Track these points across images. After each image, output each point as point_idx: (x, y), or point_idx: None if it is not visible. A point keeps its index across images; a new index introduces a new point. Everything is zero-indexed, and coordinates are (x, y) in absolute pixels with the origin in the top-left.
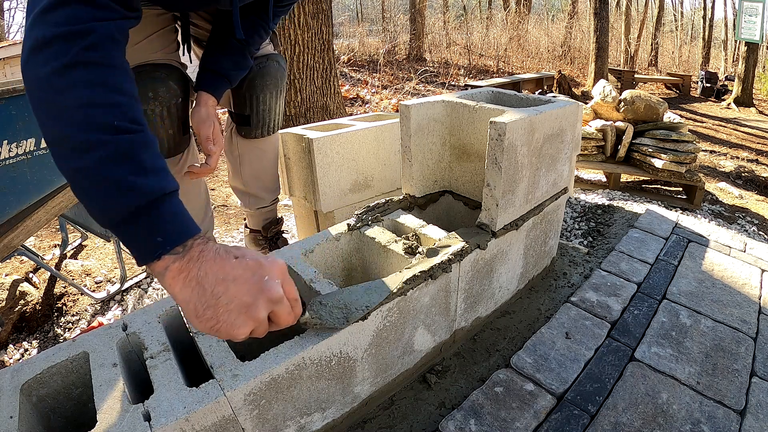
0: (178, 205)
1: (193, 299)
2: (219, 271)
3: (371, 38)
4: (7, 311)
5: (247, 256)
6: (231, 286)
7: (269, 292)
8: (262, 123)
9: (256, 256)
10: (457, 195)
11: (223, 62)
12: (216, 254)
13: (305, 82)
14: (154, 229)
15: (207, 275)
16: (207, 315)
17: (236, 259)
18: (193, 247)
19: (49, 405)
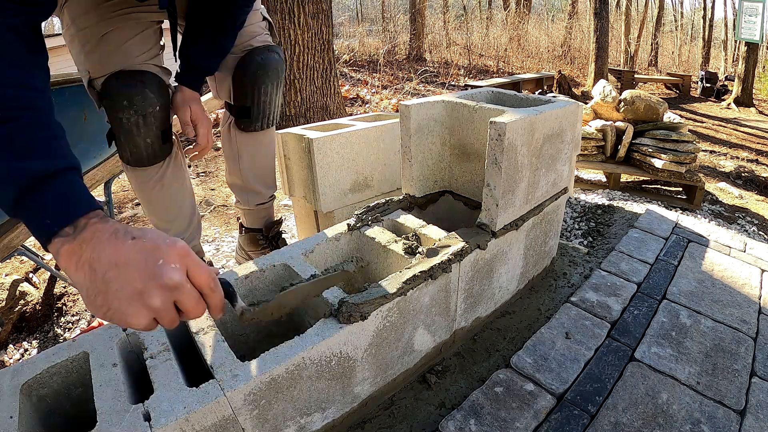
0: (68, 183)
1: (85, 284)
2: (112, 254)
3: (371, 38)
4: (7, 311)
5: (145, 237)
6: (122, 271)
7: (162, 277)
8: (263, 115)
9: (156, 238)
10: (457, 195)
11: (195, 55)
12: (112, 235)
13: (305, 82)
14: (39, 212)
15: (99, 258)
16: (98, 302)
17: (132, 240)
18: (87, 228)
19: (49, 405)
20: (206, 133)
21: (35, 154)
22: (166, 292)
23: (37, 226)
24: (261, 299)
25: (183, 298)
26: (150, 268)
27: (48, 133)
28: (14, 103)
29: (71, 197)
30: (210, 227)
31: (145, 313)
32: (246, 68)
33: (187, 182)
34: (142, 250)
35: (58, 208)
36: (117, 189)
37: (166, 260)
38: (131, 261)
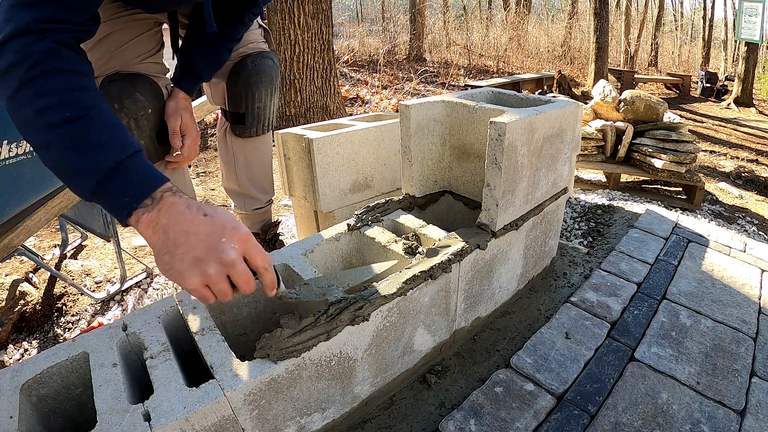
0: (139, 163)
1: (158, 244)
2: (184, 223)
3: (371, 38)
4: (7, 311)
5: (216, 215)
6: (191, 239)
7: (221, 253)
8: (257, 121)
9: (224, 219)
10: (457, 195)
11: (192, 59)
12: (186, 207)
13: (305, 82)
14: (119, 192)
15: (173, 225)
16: (165, 259)
17: (204, 216)
18: (163, 198)
19: (49, 405)
20: (192, 145)
21: (106, 146)
22: (221, 266)
23: (118, 205)
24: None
25: (235, 275)
26: (213, 242)
27: (111, 126)
28: (80, 102)
29: (145, 175)
30: None
31: (200, 279)
32: (239, 75)
33: (187, 182)
34: (210, 225)
35: (136, 186)
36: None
37: (228, 239)
38: (200, 232)
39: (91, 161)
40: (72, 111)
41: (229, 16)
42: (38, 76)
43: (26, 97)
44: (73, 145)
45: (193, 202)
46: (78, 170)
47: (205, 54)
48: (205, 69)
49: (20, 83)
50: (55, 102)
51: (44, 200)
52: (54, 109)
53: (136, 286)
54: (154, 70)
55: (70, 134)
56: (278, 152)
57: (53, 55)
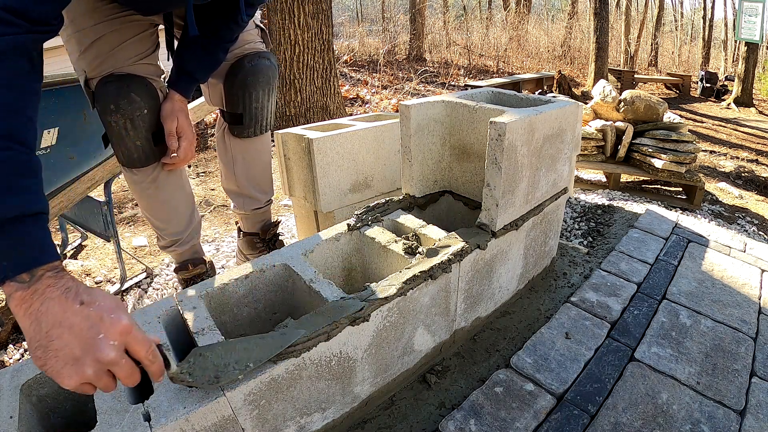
0: (34, 228)
1: (30, 333)
2: (58, 314)
3: (371, 38)
4: (7, 311)
5: (93, 305)
6: (65, 334)
7: (99, 352)
8: (255, 121)
9: (103, 308)
10: (457, 195)
11: (188, 60)
12: (63, 294)
13: (305, 82)
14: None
15: (47, 314)
16: (38, 354)
17: (81, 305)
18: (42, 279)
19: (49, 405)
20: (188, 147)
21: (10, 194)
22: (99, 365)
23: (17, 259)
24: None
25: (117, 371)
26: (90, 339)
27: (25, 172)
28: (10, 131)
29: (34, 245)
30: (210, 227)
31: (77, 379)
32: (236, 75)
33: (184, 183)
34: (86, 319)
35: (19, 253)
36: (117, 189)
37: (106, 335)
38: (74, 326)
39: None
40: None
41: (223, 17)
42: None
43: None
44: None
45: (73, 285)
46: None
47: (199, 55)
48: (200, 70)
49: None
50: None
51: None
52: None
53: (136, 286)
54: (149, 71)
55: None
56: (278, 152)
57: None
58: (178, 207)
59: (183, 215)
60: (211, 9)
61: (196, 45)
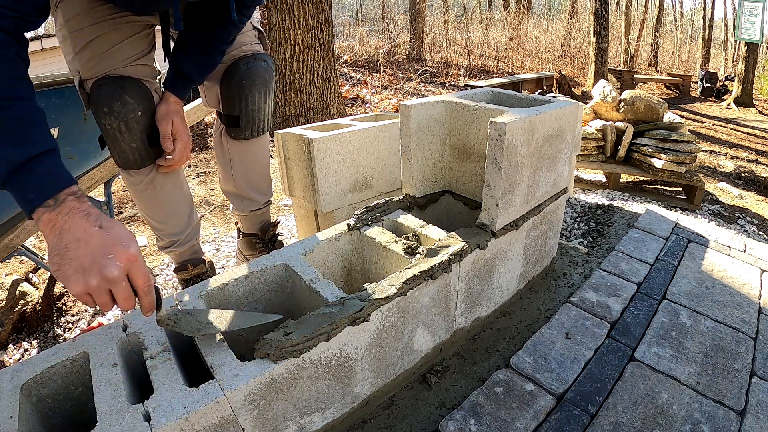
0: (49, 162)
1: (51, 244)
2: (78, 230)
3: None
4: (7, 311)
5: (110, 231)
6: (81, 247)
7: (104, 268)
8: (252, 123)
9: (116, 235)
10: (457, 195)
11: (184, 61)
12: (85, 216)
13: (305, 82)
14: (26, 188)
15: (68, 230)
16: (55, 260)
17: (99, 228)
18: (66, 202)
19: (49, 405)
20: (183, 149)
21: (22, 140)
22: (102, 280)
23: (23, 200)
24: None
25: (115, 291)
26: (99, 256)
27: (32, 121)
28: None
29: (52, 176)
30: (210, 227)
31: (82, 287)
32: (232, 77)
33: (182, 183)
34: (101, 239)
35: (41, 184)
36: (117, 189)
37: (114, 257)
38: (90, 243)
39: (4, 152)
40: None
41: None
42: None
43: None
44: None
45: (93, 211)
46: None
47: (195, 57)
48: (197, 72)
49: None
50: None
51: None
52: None
53: None
54: (144, 73)
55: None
56: (278, 152)
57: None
58: (176, 207)
59: (181, 216)
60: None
61: (193, 46)
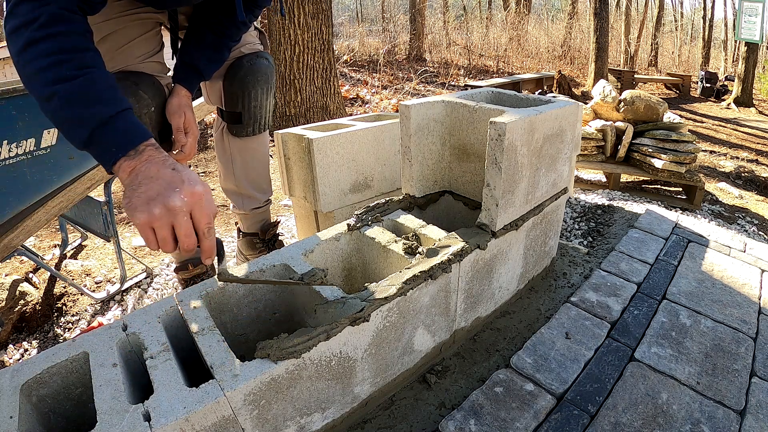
0: (128, 118)
1: (127, 182)
2: (152, 171)
3: (371, 38)
4: (7, 311)
5: (181, 172)
6: (151, 183)
7: (167, 198)
8: (254, 120)
9: (186, 176)
10: (457, 195)
11: (195, 56)
12: (161, 161)
13: (305, 82)
14: (109, 143)
15: (144, 171)
16: (127, 194)
17: (172, 169)
18: (145, 151)
19: (49, 405)
20: (194, 143)
21: (100, 102)
22: (165, 210)
23: (106, 154)
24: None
25: (177, 224)
26: (166, 189)
27: (106, 84)
28: (81, 62)
29: (132, 130)
30: None
31: (146, 217)
32: (235, 74)
33: None
34: (171, 176)
35: (124, 138)
36: (117, 189)
37: (180, 191)
38: (160, 179)
39: (86, 114)
40: (72, 70)
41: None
42: (44, 37)
43: (31, 56)
44: (71, 100)
45: (169, 158)
46: (74, 121)
47: (208, 52)
48: (207, 67)
49: (26, 42)
50: (57, 60)
51: (44, 200)
52: (56, 67)
53: (136, 286)
54: (155, 69)
55: (70, 90)
56: (278, 152)
57: (58, 18)
58: None
59: None
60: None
61: (205, 42)
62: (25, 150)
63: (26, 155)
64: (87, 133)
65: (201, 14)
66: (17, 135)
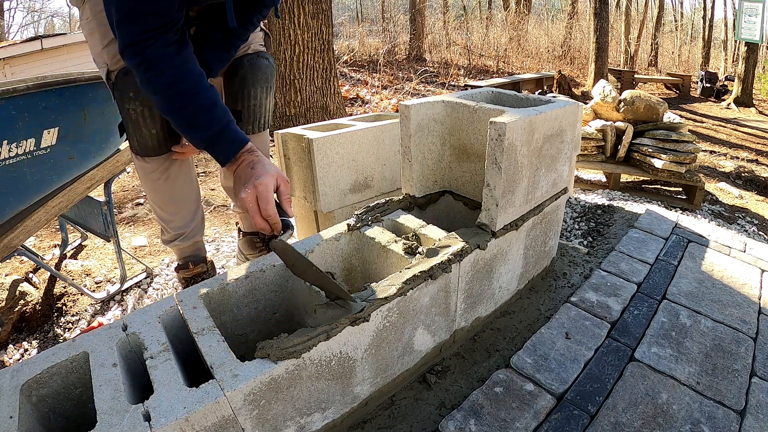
0: (234, 128)
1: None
2: (254, 163)
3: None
4: (7, 311)
5: (262, 167)
6: (247, 170)
7: (260, 177)
8: (253, 118)
9: (267, 171)
10: (457, 195)
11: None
12: (260, 157)
13: (305, 82)
14: (222, 149)
15: (249, 162)
16: (235, 176)
17: (261, 164)
18: (242, 156)
19: (49, 405)
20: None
21: (211, 120)
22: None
23: (230, 149)
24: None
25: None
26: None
27: (213, 103)
28: (183, 95)
29: (237, 138)
30: (210, 227)
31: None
32: (235, 72)
33: (193, 178)
34: (261, 167)
35: (232, 145)
36: (117, 189)
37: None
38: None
39: (203, 128)
40: (179, 102)
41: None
42: (151, 79)
43: (149, 91)
44: (189, 119)
45: (263, 156)
46: (194, 134)
47: (217, 51)
48: (216, 64)
49: (141, 81)
50: (166, 96)
51: (44, 200)
52: (167, 101)
53: (136, 286)
54: None
55: (187, 113)
56: (278, 152)
57: (160, 59)
58: (185, 200)
59: (189, 208)
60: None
61: (215, 41)
62: (25, 150)
63: (26, 155)
64: (205, 142)
65: (210, 14)
66: (17, 135)
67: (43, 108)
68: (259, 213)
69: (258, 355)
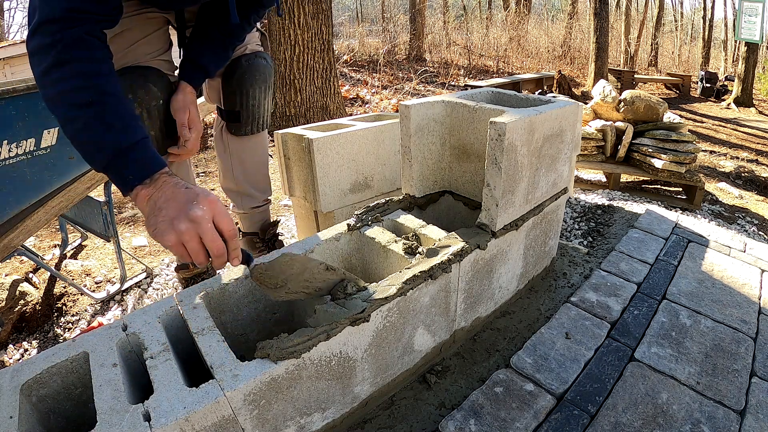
0: (145, 148)
1: (146, 211)
2: (168, 194)
3: (371, 38)
4: (7, 311)
5: (194, 189)
6: (170, 204)
7: (189, 211)
8: (252, 119)
9: (200, 189)
10: (457, 195)
11: (202, 53)
12: (174, 185)
13: (305, 82)
14: (126, 170)
15: (160, 197)
16: (150, 222)
17: (185, 188)
18: (159, 178)
19: (49, 405)
20: (197, 138)
21: (120, 129)
22: (190, 223)
23: (122, 181)
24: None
25: (203, 233)
26: (185, 205)
27: (125, 112)
28: (101, 89)
29: (148, 159)
30: None
31: (174, 235)
32: (233, 73)
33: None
34: (186, 194)
35: (140, 167)
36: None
37: (197, 203)
38: (177, 199)
39: (105, 141)
40: (92, 95)
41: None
42: (66, 61)
43: (54, 78)
44: (91, 125)
45: (181, 181)
46: (94, 146)
47: (213, 50)
48: (213, 65)
49: (50, 65)
50: (78, 86)
51: (44, 200)
52: (77, 92)
53: (136, 286)
54: (163, 67)
55: (90, 116)
56: (278, 152)
57: (80, 43)
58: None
59: None
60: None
61: (212, 41)
62: (25, 150)
63: (26, 155)
64: (106, 160)
65: (207, 13)
66: (17, 135)
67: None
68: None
69: (258, 355)
